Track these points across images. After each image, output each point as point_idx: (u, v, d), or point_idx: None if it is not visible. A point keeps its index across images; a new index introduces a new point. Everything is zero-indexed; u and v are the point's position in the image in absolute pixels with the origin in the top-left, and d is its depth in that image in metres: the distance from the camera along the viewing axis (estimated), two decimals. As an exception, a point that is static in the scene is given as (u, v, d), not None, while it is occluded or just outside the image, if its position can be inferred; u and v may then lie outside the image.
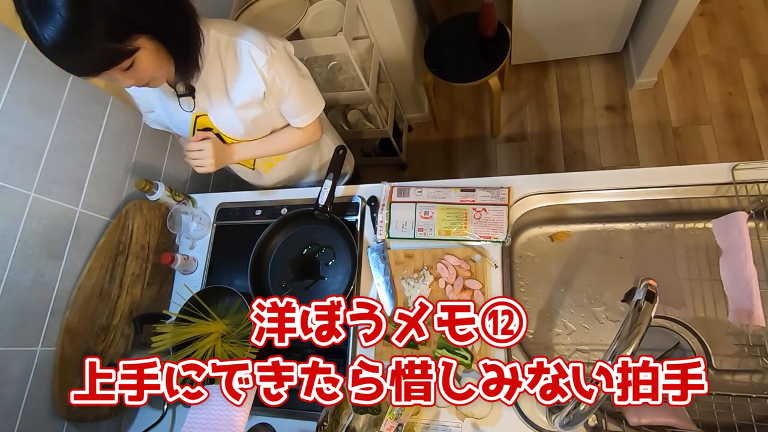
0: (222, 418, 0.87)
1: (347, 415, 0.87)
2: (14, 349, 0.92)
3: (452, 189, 1.09)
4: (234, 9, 1.63)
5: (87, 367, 0.72)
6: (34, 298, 0.95)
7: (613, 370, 0.61)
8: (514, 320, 0.68)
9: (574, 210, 1.10)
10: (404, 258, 1.08)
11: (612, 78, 2.17)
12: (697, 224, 1.07)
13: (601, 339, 1.05)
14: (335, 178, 1.11)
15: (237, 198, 1.29)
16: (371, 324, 0.74)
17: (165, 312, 1.12)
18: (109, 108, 1.14)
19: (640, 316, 0.64)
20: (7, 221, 0.90)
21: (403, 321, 0.74)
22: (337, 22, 1.53)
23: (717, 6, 2.15)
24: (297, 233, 1.19)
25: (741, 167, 0.96)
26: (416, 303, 0.74)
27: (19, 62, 0.92)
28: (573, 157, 2.09)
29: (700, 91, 2.04)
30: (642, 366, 0.62)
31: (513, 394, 0.66)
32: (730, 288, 0.93)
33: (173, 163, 1.40)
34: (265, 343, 0.73)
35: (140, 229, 1.16)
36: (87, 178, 1.08)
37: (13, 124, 0.91)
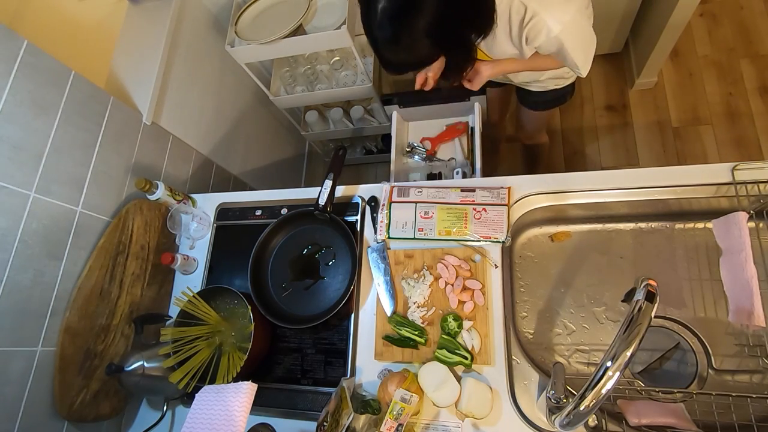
0: (222, 418, 0.87)
1: (347, 415, 0.86)
2: (14, 349, 0.92)
3: (452, 189, 1.09)
4: (235, 7, 1.63)
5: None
6: (34, 298, 0.95)
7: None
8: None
9: (574, 210, 1.10)
10: (404, 258, 1.08)
11: (612, 78, 2.17)
12: (697, 224, 1.07)
13: (601, 339, 1.05)
14: (335, 178, 1.11)
15: (237, 198, 1.29)
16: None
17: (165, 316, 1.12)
18: (109, 108, 1.14)
19: (640, 316, 0.64)
20: (7, 221, 0.90)
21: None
22: (338, 17, 1.53)
23: (717, 6, 2.15)
24: (297, 233, 1.19)
25: (741, 167, 0.96)
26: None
27: (19, 62, 0.92)
28: (573, 157, 2.09)
29: (700, 91, 2.04)
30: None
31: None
32: (730, 288, 0.93)
33: (173, 163, 1.41)
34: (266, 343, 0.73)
35: (140, 229, 1.16)
36: (87, 178, 1.08)
37: (13, 124, 0.91)
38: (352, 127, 1.99)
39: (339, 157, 1.15)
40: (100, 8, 1.50)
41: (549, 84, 1.30)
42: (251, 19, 1.59)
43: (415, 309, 1.02)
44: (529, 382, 0.96)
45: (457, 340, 0.97)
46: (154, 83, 1.31)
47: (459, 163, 1.53)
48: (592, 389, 0.64)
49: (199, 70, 1.57)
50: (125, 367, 1.00)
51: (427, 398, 0.93)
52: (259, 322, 1.03)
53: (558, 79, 1.28)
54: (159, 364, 1.02)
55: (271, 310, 1.08)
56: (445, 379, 0.93)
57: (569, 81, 1.30)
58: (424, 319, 1.01)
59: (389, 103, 1.60)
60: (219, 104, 1.69)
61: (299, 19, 1.45)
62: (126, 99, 1.29)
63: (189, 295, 1.06)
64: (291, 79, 1.84)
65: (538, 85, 1.32)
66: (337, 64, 1.79)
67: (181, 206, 1.24)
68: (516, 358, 0.98)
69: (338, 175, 1.12)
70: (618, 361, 0.62)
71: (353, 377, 1.02)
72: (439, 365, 0.95)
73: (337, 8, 1.57)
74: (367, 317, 1.07)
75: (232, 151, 1.76)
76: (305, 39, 1.51)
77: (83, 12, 1.49)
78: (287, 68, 1.85)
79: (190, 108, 1.52)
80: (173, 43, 1.41)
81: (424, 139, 1.61)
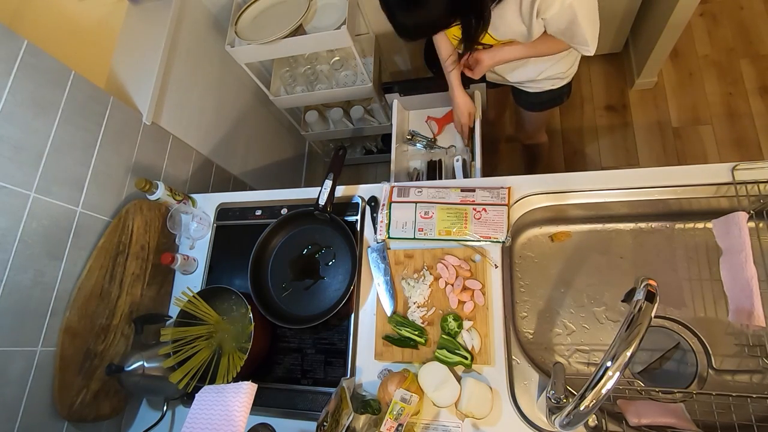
0: (222, 418, 0.87)
1: (347, 415, 0.86)
2: (14, 349, 0.92)
3: (452, 189, 1.09)
4: (235, 7, 1.63)
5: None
6: (34, 298, 0.95)
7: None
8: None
9: (574, 210, 1.10)
10: (404, 258, 1.08)
11: (612, 78, 2.17)
12: (697, 224, 1.07)
13: (601, 339, 1.05)
14: (335, 178, 1.11)
15: (237, 198, 1.29)
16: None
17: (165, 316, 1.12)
18: (109, 108, 1.14)
19: (640, 316, 0.64)
20: (7, 221, 0.90)
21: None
22: (338, 17, 1.53)
23: (717, 6, 2.15)
24: (297, 233, 1.19)
25: (741, 167, 0.96)
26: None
27: (19, 62, 0.92)
28: (573, 157, 2.09)
29: (700, 91, 2.04)
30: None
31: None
32: (730, 288, 0.93)
33: (173, 163, 1.41)
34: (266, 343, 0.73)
35: (140, 229, 1.16)
36: (87, 178, 1.08)
37: (13, 124, 0.91)
38: (352, 127, 1.99)
39: (339, 157, 1.15)
40: (100, 8, 1.50)
41: (545, 84, 1.30)
42: (251, 19, 1.59)
43: (415, 309, 1.02)
44: (529, 382, 0.96)
45: (457, 340, 0.97)
46: (154, 83, 1.31)
47: (459, 150, 1.53)
48: (592, 389, 0.64)
49: (199, 70, 1.57)
50: (125, 367, 1.00)
51: (427, 398, 0.93)
52: (259, 322, 1.03)
53: (554, 80, 1.28)
54: (159, 364, 1.02)
55: (271, 310, 1.08)
56: (445, 379, 0.93)
57: (565, 81, 1.30)
58: (424, 319, 1.01)
59: (390, 92, 1.57)
60: (219, 104, 1.69)
61: (299, 19, 1.45)
62: (126, 99, 1.29)
63: (189, 295, 1.06)
64: (291, 79, 1.84)
65: (535, 85, 1.31)
66: (337, 64, 1.79)
67: (181, 206, 1.24)
68: (516, 358, 0.98)
69: (338, 175, 1.12)
70: (618, 361, 0.62)
71: (353, 377, 1.02)
72: (439, 365, 0.95)
73: (337, 8, 1.58)
74: (367, 317, 1.07)
75: (232, 151, 1.76)
76: (305, 39, 1.51)
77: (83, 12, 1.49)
78: (287, 68, 1.85)
79: (190, 108, 1.52)
80: (173, 43, 1.41)
81: (430, 119, 1.60)
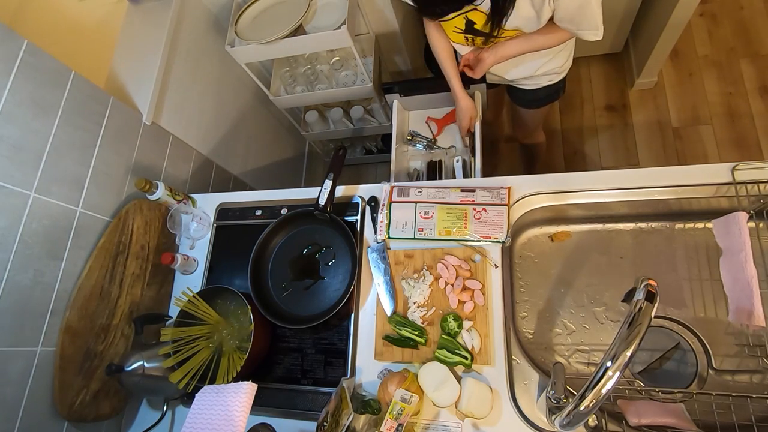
0: (222, 418, 0.87)
1: (347, 415, 0.86)
2: (14, 349, 0.92)
3: (452, 189, 1.09)
4: (235, 7, 1.63)
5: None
6: (34, 298, 0.95)
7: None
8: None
9: (574, 210, 1.10)
10: (404, 258, 1.08)
11: (612, 78, 2.17)
12: (697, 224, 1.07)
13: (601, 339, 1.05)
14: (335, 178, 1.11)
15: (237, 198, 1.29)
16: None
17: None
18: (109, 108, 1.14)
19: (640, 316, 0.64)
20: (7, 221, 0.90)
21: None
22: (338, 17, 1.53)
23: (717, 6, 2.15)
24: (297, 233, 1.19)
25: (741, 167, 0.96)
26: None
27: (19, 62, 0.92)
28: (573, 157, 2.09)
29: (700, 91, 2.04)
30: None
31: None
32: (730, 288, 0.93)
33: (173, 163, 1.41)
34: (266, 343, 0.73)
35: (140, 229, 1.16)
36: (87, 178, 1.08)
37: (13, 124, 0.91)
38: (352, 127, 1.99)
39: (339, 157, 1.15)
40: (100, 8, 1.50)
41: (542, 80, 1.31)
42: (251, 19, 1.59)
43: (415, 309, 1.02)
44: (529, 382, 0.96)
45: (457, 340, 0.97)
46: (154, 83, 1.31)
47: (459, 151, 1.53)
48: (592, 389, 0.64)
49: (199, 70, 1.57)
50: (125, 367, 1.00)
51: (427, 398, 0.93)
52: (259, 322, 1.03)
53: (551, 75, 1.29)
54: (159, 364, 1.02)
55: (271, 310, 1.08)
56: (445, 379, 0.93)
57: (561, 76, 1.32)
58: (424, 319, 1.01)
59: (390, 92, 1.57)
60: (219, 104, 1.69)
61: (299, 19, 1.45)
62: (126, 99, 1.29)
63: (189, 295, 1.06)
64: (291, 79, 1.84)
65: (532, 82, 1.32)
66: (337, 64, 1.79)
67: (181, 206, 1.24)
68: (516, 358, 0.98)
69: (338, 175, 1.12)
70: (618, 361, 0.62)
71: (353, 377, 1.02)
72: (439, 365, 0.95)
73: (337, 8, 1.57)
74: (367, 317, 1.07)
75: (232, 151, 1.76)
76: (305, 39, 1.51)
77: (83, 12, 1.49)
78: (287, 68, 1.85)
79: (190, 108, 1.52)
80: (173, 43, 1.41)
81: (430, 119, 1.60)
